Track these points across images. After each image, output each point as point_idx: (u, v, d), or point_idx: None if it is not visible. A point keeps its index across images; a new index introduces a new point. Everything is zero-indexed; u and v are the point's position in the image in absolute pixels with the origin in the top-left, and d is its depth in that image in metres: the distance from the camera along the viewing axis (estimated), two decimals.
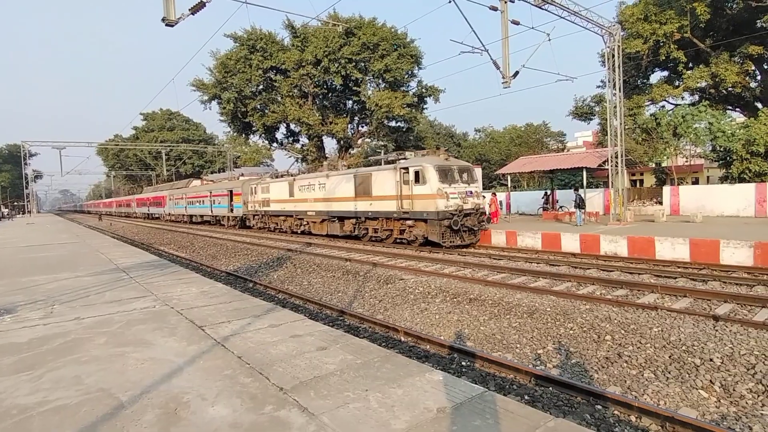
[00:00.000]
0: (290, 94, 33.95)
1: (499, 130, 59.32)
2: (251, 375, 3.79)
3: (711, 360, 5.68)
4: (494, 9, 15.62)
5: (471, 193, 16.27)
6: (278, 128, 38.50)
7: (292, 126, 37.75)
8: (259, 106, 35.97)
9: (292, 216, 24.12)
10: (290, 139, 39.70)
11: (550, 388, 5.54)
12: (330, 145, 39.73)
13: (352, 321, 8.81)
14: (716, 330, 6.54)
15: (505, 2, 15.41)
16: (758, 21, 18.36)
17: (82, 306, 6.55)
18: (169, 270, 10.24)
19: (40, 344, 4.81)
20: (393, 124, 35.84)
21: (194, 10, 11.15)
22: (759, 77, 22.95)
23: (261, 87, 35.54)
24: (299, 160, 39.51)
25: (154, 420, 3.06)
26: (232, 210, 32.25)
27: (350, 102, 36.58)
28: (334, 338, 4.81)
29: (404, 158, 17.63)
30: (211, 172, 63.50)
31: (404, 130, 36.67)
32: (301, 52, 32.24)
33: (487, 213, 18.46)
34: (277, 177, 26.75)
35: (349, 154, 37.94)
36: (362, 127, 38.24)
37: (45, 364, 4.23)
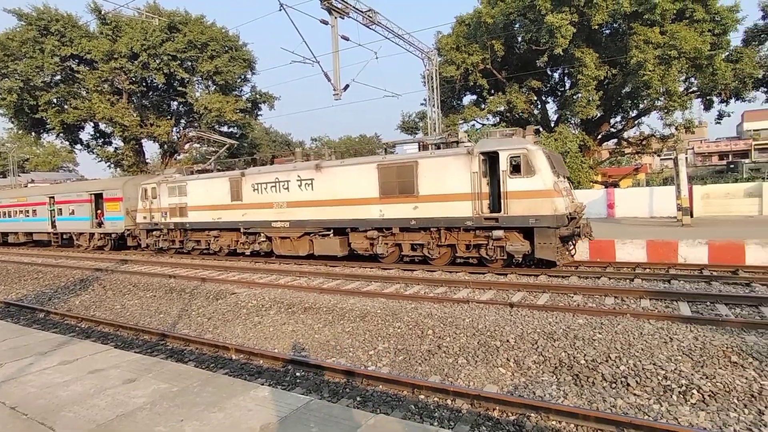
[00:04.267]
0: (99, 89, 29.55)
1: (335, 140, 61.61)
2: (29, 428, 3.24)
3: (508, 341, 6.71)
4: (324, 23, 16.12)
5: (569, 190, 12.18)
6: (83, 127, 33.06)
7: (102, 126, 32.81)
8: (55, 100, 30.31)
9: (236, 230, 16.32)
10: (100, 140, 34.33)
11: (380, 386, 5.84)
12: (152, 149, 35.44)
13: (176, 344, 8.07)
14: (512, 315, 7.77)
15: (335, 17, 16.01)
16: (537, 61, 23.08)
17: None
18: None
19: None
20: (225, 129, 34.08)
21: None
22: (539, 106, 28.84)
23: (58, 77, 30.07)
24: (112, 166, 34.36)
25: None
26: (100, 224, 22.05)
27: (175, 103, 33.50)
28: (146, 367, 4.35)
29: (461, 141, 12.67)
30: None
31: (237, 135, 35.06)
32: (113, 42, 28.44)
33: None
34: (201, 172, 18.62)
35: (175, 159, 34.61)
36: (189, 130, 35.22)
37: None
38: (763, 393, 4.91)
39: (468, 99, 30.08)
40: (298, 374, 6.36)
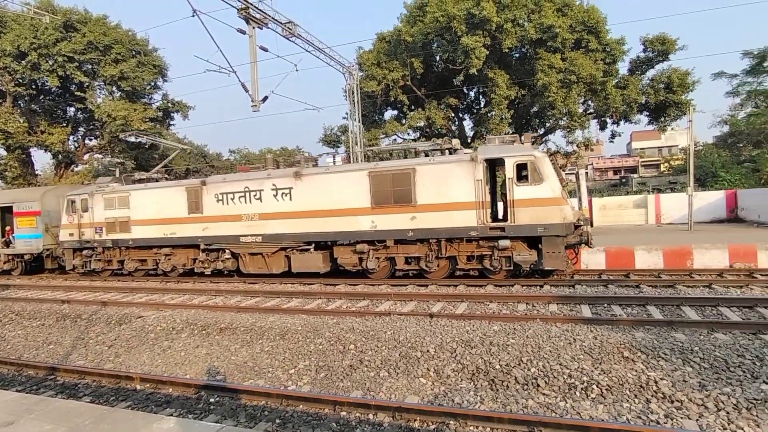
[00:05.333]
0: None
1: (255, 152, 59.78)
2: None
3: (428, 351, 6.82)
4: (242, 32, 15.67)
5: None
6: None
7: None
8: None
9: (194, 246, 14.33)
10: None
11: (301, 406, 5.65)
12: (43, 159, 31.57)
13: (68, 378, 7.28)
14: (431, 325, 7.92)
15: (253, 27, 15.62)
16: (454, 80, 24.24)
17: None
18: None
19: None
20: (132, 139, 31.24)
21: None
22: (457, 122, 30.21)
23: None
24: None
25: None
26: (8, 243, 18.30)
27: (72, 109, 30.37)
28: (27, 407, 3.89)
29: (452, 148, 12.16)
30: None
31: (147, 146, 32.36)
32: None
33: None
34: (148, 181, 16.21)
35: (72, 171, 31.18)
36: (90, 140, 32.24)
37: None
38: (649, 384, 5.43)
39: (389, 114, 30.78)
40: (212, 400, 6.03)
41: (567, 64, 21.26)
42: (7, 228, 18.61)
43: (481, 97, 28.44)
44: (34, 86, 28.05)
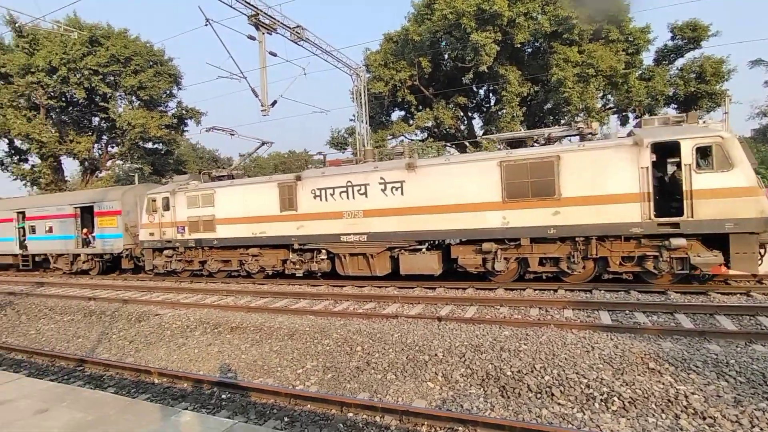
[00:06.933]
0: (14, 104, 27.61)
1: (264, 156, 59.90)
2: None
3: (436, 355, 6.67)
4: (252, 38, 15.86)
5: None
6: None
7: (18, 142, 30.48)
8: None
9: (285, 247, 13.39)
10: (15, 157, 31.68)
11: (308, 406, 5.69)
12: (72, 166, 32.63)
13: (94, 370, 7.72)
14: (439, 329, 7.75)
15: (263, 33, 15.80)
16: (463, 78, 23.95)
17: None
18: None
19: None
20: (149, 145, 32.51)
21: None
22: (466, 122, 29.96)
23: None
24: (29, 184, 31.60)
25: None
26: (88, 242, 18.18)
27: (97, 119, 31.68)
28: (59, 396, 4.21)
29: (594, 133, 11.07)
30: None
31: (163, 152, 33.70)
32: (30, 56, 26.73)
33: None
34: (229, 177, 15.35)
35: (97, 177, 32.48)
36: (112, 147, 33.44)
37: None
38: (678, 398, 5.09)
39: (396, 115, 30.65)
40: (224, 396, 6.20)
41: (584, 57, 20.62)
42: (85, 229, 18.53)
43: (491, 94, 28.03)
44: (63, 98, 29.34)
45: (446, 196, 10.98)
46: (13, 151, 31.49)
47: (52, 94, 28.20)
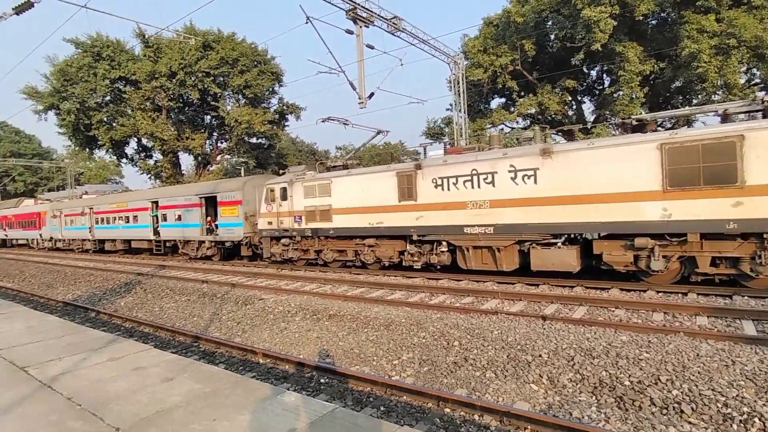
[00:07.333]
0: (142, 107, 31.49)
1: (377, 145, 61.48)
2: (81, 418, 3.52)
3: (540, 356, 6.21)
4: (350, 33, 16.14)
5: None
6: (128, 143, 35.17)
7: (144, 141, 34.77)
8: (105, 119, 32.49)
9: (402, 238, 12.84)
10: (142, 154, 36.42)
11: (404, 397, 5.62)
12: (187, 161, 37.05)
13: (207, 346, 8.28)
14: (544, 328, 7.23)
15: (360, 27, 15.97)
16: (572, 59, 22.04)
17: None
18: None
19: None
20: (254, 140, 35.14)
21: (19, 11, 9.81)
22: (574, 106, 27.65)
23: (108, 98, 32.32)
24: (153, 177, 36.26)
25: None
26: (211, 230, 19.21)
27: (208, 117, 35.09)
28: (182, 367, 4.58)
29: None
30: (48, 190, 53.76)
31: (266, 146, 36.18)
32: (154, 63, 30.18)
33: None
34: (344, 167, 15.14)
35: (208, 170, 35.96)
36: (221, 143, 36.83)
37: None
38: None
39: (496, 102, 29.33)
40: (322, 381, 6.28)
41: (724, 26, 17.73)
42: (209, 217, 19.48)
43: (605, 75, 25.54)
44: (180, 100, 32.80)
45: (590, 184, 9.65)
46: (140, 149, 36.02)
47: (172, 96, 31.60)
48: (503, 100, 28.48)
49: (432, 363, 6.55)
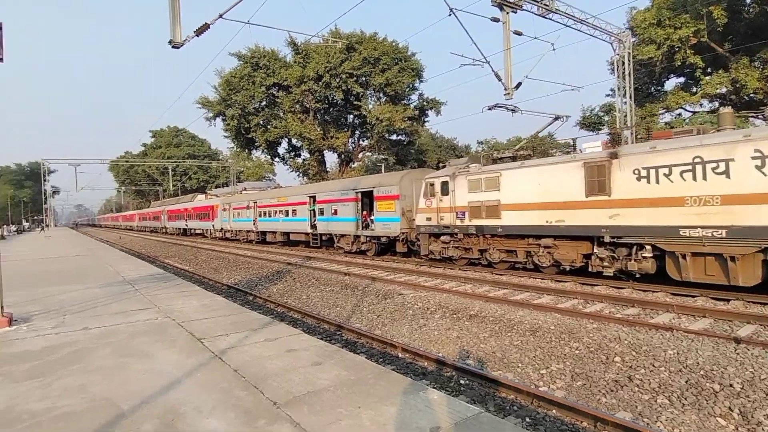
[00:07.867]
0: (292, 109, 34.44)
1: (503, 142, 58.79)
2: (246, 389, 3.87)
3: (731, 385, 5.28)
4: (496, 20, 15.45)
5: None
6: (280, 143, 38.98)
7: (294, 141, 38.22)
8: (261, 122, 36.47)
9: (588, 239, 11.19)
10: (291, 153, 40.12)
11: (553, 411, 5.24)
12: (331, 159, 40.08)
13: (349, 336, 8.70)
14: (737, 353, 6.10)
15: (507, 13, 15.21)
16: None
17: (90, 317, 6.87)
18: (173, 283, 10.51)
19: (51, 353, 5.11)
20: (394, 137, 36.00)
21: (199, 32, 11.37)
22: None
23: (264, 103, 36.14)
24: (300, 175, 39.68)
25: (152, 430, 3.19)
26: (367, 225, 19.18)
27: (351, 116, 36.90)
28: (329, 353, 4.79)
29: None
30: (216, 187, 64.07)
31: (405, 143, 36.77)
32: (303, 68, 32.73)
33: None
34: (513, 159, 13.88)
35: (350, 167, 38.03)
36: (363, 141, 38.47)
37: (54, 372, 4.46)
38: None
39: (672, 83, 25.21)
40: (462, 381, 6.22)
41: None
42: (364, 212, 19.46)
43: None
44: (326, 101, 35.15)
45: None
46: (290, 148, 39.67)
47: (318, 98, 33.84)
48: (681, 80, 24.44)
49: (587, 378, 5.96)
